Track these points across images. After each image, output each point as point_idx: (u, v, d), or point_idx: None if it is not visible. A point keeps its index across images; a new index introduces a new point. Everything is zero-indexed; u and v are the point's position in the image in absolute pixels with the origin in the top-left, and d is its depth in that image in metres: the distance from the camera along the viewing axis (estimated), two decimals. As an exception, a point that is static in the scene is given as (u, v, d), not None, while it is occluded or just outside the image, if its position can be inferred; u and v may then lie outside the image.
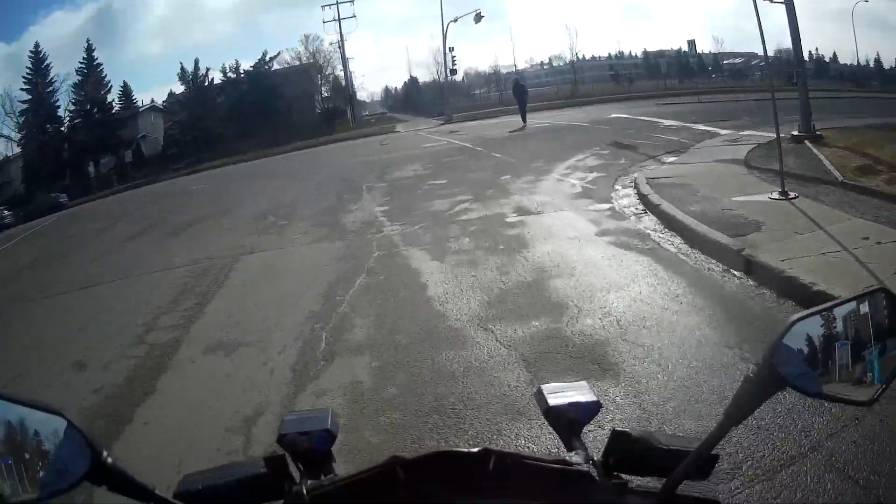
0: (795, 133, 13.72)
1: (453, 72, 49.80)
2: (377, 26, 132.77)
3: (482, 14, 46.43)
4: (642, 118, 25.67)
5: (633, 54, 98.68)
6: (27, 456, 0.92)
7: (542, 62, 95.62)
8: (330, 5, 59.60)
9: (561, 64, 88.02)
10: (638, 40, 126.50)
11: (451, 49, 47.54)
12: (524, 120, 29.86)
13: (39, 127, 65.14)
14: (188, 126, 60.21)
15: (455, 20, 47.38)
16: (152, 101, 71.57)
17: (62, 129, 66.73)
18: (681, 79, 77.96)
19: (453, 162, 18.72)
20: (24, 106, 65.82)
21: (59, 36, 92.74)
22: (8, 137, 66.07)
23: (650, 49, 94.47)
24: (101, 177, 58.69)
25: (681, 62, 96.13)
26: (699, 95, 37.42)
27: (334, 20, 59.89)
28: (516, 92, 32.67)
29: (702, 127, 20.00)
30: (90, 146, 61.98)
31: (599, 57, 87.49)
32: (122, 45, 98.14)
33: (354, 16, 61.49)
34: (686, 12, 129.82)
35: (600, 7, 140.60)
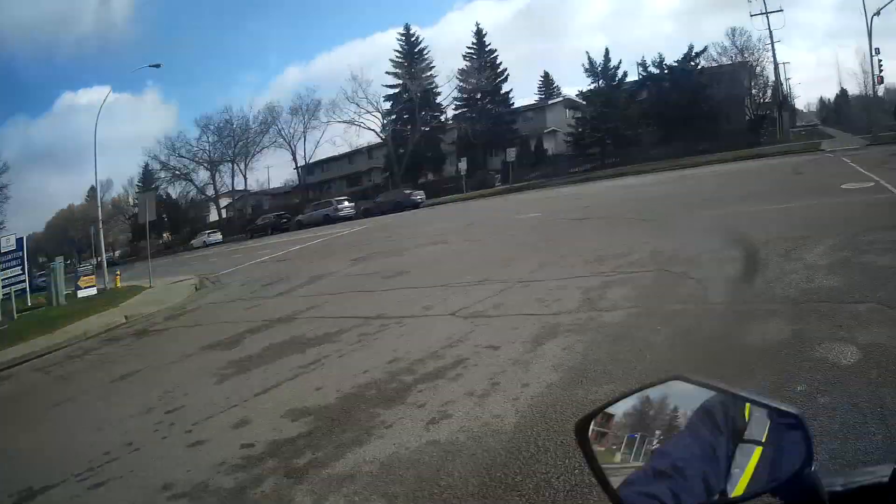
0: None
1: (881, 79, 38.63)
2: (812, 35, 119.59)
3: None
4: None
5: None
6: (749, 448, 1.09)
7: None
8: (756, -6, 50.60)
9: None
10: None
11: (878, 51, 36.45)
12: None
13: (409, 115, 64.26)
14: (593, 125, 54.27)
15: (878, 13, 36.04)
16: (563, 95, 67.25)
17: (442, 118, 65.42)
18: None
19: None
20: (392, 92, 65.30)
21: (488, 23, 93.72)
22: (367, 128, 66.55)
23: None
24: (480, 175, 55.49)
25: None
26: None
27: (762, 13, 50.73)
28: None
29: None
30: (471, 139, 59.51)
31: None
32: (558, 37, 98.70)
33: (781, 10, 50.79)
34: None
35: None
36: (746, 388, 1.11)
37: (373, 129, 65.96)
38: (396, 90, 64.39)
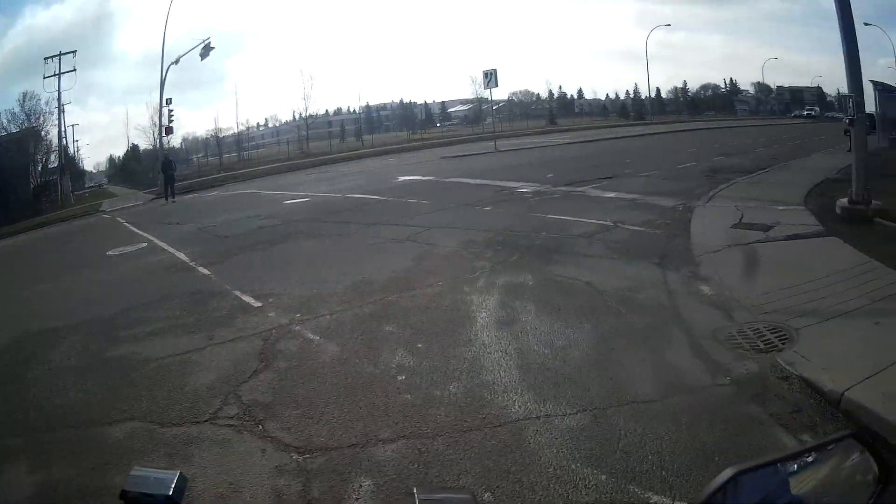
0: (846, 203, 9.88)
1: (169, 130, 38.73)
2: (108, 94, 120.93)
3: (212, 45, 36.75)
4: (466, 181, 18.45)
5: (352, 109, 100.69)
6: None
7: (258, 123, 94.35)
8: (53, 57, 48.21)
9: (278, 124, 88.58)
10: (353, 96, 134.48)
11: (169, 101, 36.75)
12: (172, 197, 28.99)
13: None
14: None
15: (176, 62, 36.76)
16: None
17: None
18: (412, 129, 78.24)
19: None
20: None
21: None
22: None
23: (372, 103, 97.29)
24: None
25: (405, 112, 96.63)
26: (495, 142, 31.24)
27: (55, 75, 48.24)
28: (164, 168, 30.73)
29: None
30: None
31: (317, 115, 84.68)
32: None
33: (75, 69, 49.21)
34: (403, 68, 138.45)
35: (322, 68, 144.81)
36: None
37: None
38: None
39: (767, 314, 5.35)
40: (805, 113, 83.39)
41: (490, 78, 32.74)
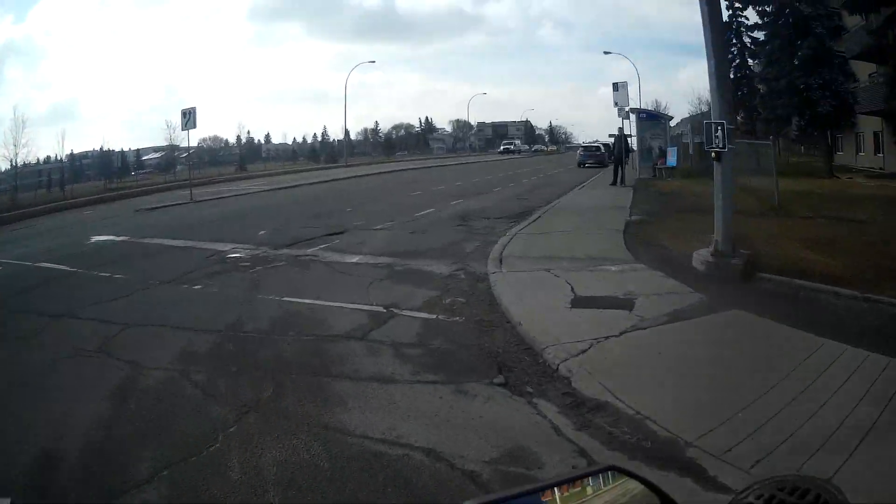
0: (709, 256, 7.86)
1: None
2: None
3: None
4: (166, 242, 14.42)
5: (59, 157, 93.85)
6: None
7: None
8: None
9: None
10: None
11: None
12: None
13: None
14: None
15: None
16: None
17: None
18: (110, 178, 75.67)
19: None
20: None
21: None
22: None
23: (77, 150, 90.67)
24: None
25: (104, 161, 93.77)
26: (191, 191, 28.68)
27: None
28: None
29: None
30: None
31: (28, 163, 77.91)
32: None
33: None
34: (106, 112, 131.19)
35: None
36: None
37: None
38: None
39: (763, 463, 3.12)
40: (503, 148, 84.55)
41: (189, 117, 28.52)
